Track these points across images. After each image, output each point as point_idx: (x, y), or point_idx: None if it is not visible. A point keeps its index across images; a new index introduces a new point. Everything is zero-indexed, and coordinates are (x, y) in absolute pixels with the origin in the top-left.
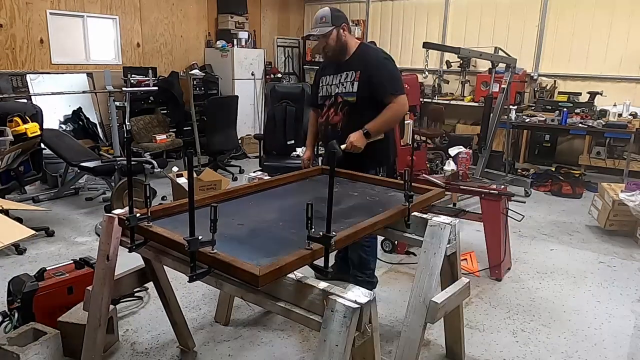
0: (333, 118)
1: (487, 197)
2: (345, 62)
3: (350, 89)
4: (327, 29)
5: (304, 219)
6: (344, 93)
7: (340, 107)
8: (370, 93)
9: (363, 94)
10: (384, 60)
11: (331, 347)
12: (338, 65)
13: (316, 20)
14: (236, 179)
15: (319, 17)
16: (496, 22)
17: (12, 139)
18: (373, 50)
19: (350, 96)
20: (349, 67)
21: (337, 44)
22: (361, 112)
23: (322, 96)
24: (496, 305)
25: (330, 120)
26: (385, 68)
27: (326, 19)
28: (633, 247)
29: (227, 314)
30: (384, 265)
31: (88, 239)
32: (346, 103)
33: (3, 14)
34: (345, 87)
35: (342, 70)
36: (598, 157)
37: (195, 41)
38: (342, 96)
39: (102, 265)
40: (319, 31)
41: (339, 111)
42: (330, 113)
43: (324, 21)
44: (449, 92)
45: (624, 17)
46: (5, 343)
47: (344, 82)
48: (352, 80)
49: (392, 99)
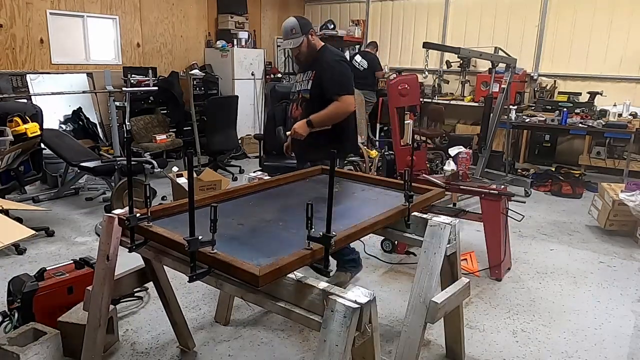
0: (295, 112)
1: (487, 197)
2: (310, 62)
3: (307, 86)
4: (300, 39)
5: (304, 219)
6: (303, 90)
7: (300, 102)
8: (321, 91)
9: (315, 92)
10: (335, 62)
11: (331, 347)
12: (305, 65)
13: (287, 32)
14: (236, 179)
15: (289, 29)
16: (496, 22)
17: (12, 139)
18: (329, 52)
19: (305, 93)
20: (310, 67)
21: (308, 49)
22: (313, 108)
23: (291, 92)
24: (496, 305)
25: (293, 114)
26: (335, 70)
27: (296, 29)
28: (633, 247)
29: (227, 314)
30: (384, 265)
31: (88, 239)
32: (304, 99)
33: (3, 14)
34: (303, 85)
35: (306, 69)
36: (598, 157)
37: (195, 41)
38: (302, 93)
39: (102, 265)
40: (293, 43)
41: (299, 106)
42: (293, 107)
43: (295, 32)
44: (449, 92)
45: (624, 17)
46: (5, 343)
47: (304, 81)
48: (308, 79)
49: (337, 98)
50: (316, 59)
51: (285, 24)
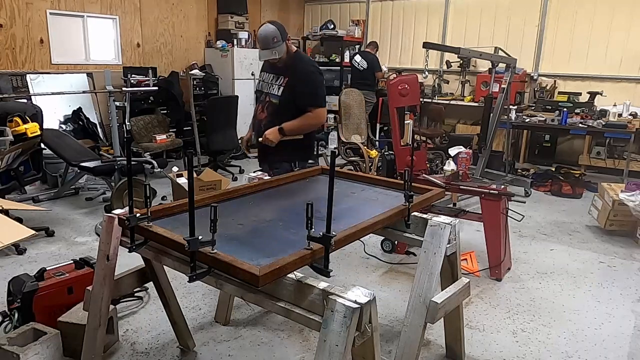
0: (260, 114)
1: (487, 197)
2: (282, 66)
3: (277, 92)
4: (283, 47)
5: (304, 219)
6: (272, 94)
7: (267, 106)
8: (293, 99)
9: (286, 99)
10: (312, 73)
11: (331, 347)
12: (274, 66)
13: (267, 41)
14: (236, 179)
15: (270, 38)
16: (496, 22)
17: (12, 139)
18: (304, 60)
19: (275, 98)
20: (281, 72)
21: (287, 55)
22: (281, 115)
23: (257, 90)
24: (496, 305)
25: (258, 115)
26: (310, 81)
27: (277, 38)
28: (633, 247)
29: (227, 314)
30: (384, 265)
31: (88, 239)
32: (272, 104)
33: (3, 14)
34: (273, 89)
35: (276, 73)
36: (598, 157)
37: (195, 41)
38: (270, 97)
39: (102, 265)
40: (277, 53)
41: (265, 109)
42: (259, 108)
43: (276, 40)
44: (449, 92)
45: (624, 18)
46: (5, 343)
47: (273, 85)
48: (279, 84)
49: (310, 109)
50: (289, 65)
51: (265, 33)
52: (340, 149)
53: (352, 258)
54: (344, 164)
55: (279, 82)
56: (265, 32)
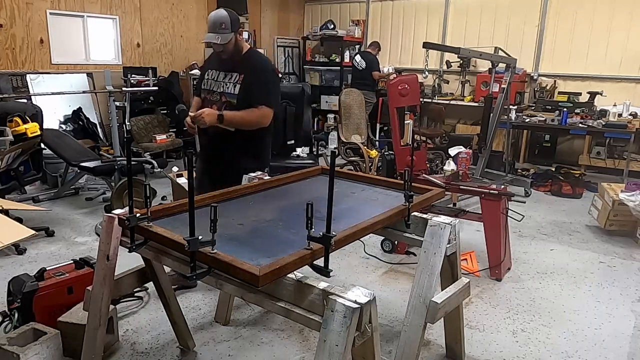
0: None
1: (487, 197)
2: (234, 63)
3: (233, 90)
4: (229, 36)
5: (304, 219)
6: (227, 93)
7: (223, 106)
8: (248, 97)
9: (243, 97)
10: (269, 72)
11: (331, 347)
12: (224, 63)
13: (215, 25)
14: None
15: (218, 22)
16: (496, 22)
17: (12, 139)
18: (261, 58)
19: (231, 97)
20: (235, 69)
21: (234, 49)
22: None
23: (205, 89)
24: (496, 305)
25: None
26: (266, 79)
27: (226, 25)
28: (633, 247)
29: (227, 314)
30: (384, 265)
31: (88, 239)
32: (228, 103)
33: (3, 14)
34: (228, 87)
35: (229, 70)
36: (598, 157)
37: (195, 41)
38: (225, 96)
39: (102, 265)
40: (221, 39)
41: (222, 109)
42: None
43: (224, 27)
44: (449, 92)
45: (624, 18)
46: (5, 343)
47: (228, 83)
48: (235, 82)
49: (258, 106)
50: (243, 62)
51: (215, 16)
52: (340, 149)
53: (352, 258)
54: (344, 164)
55: (233, 79)
56: (216, 16)
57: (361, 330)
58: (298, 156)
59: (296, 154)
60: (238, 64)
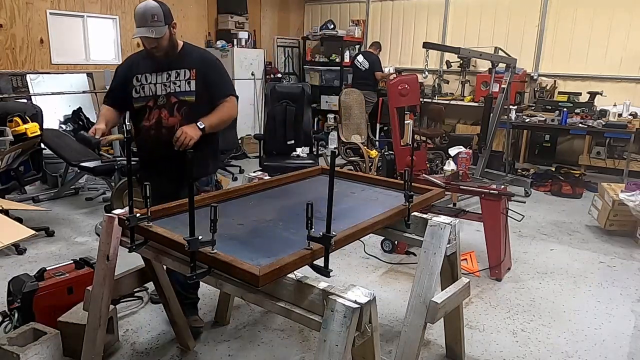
0: (169, 120)
1: (487, 197)
2: (174, 60)
3: (187, 87)
4: (163, 29)
5: (304, 219)
6: (179, 92)
7: (176, 107)
8: (207, 92)
9: (200, 94)
10: (218, 61)
11: (331, 347)
12: (159, 63)
13: (145, 18)
14: (236, 179)
15: (149, 15)
16: (496, 22)
17: (12, 139)
18: (203, 50)
19: (188, 95)
20: (180, 65)
21: (169, 43)
22: (201, 112)
23: (142, 96)
24: (496, 305)
25: (166, 123)
26: (221, 69)
27: (158, 17)
28: (633, 247)
29: (227, 314)
30: (384, 265)
31: (88, 239)
32: (184, 103)
33: (3, 14)
34: (179, 86)
35: (171, 68)
36: (598, 157)
37: (195, 41)
38: (178, 96)
39: (102, 265)
40: (155, 33)
41: (176, 112)
42: (163, 115)
43: (157, 20)
44: (449, 92)
45: (624, 17)
46: (5, 343)
47: (177, 81)
48: (187, 79)
49: (227, 99)
50: (187, 57)
51: (144, 8)
52: (340, 149)
53: (352, 258)
54: (344, 164)
55: (184, 77)
56: (145, 7)
57: (361, 330)
58: (298, 156)
59: (296, 154)
60: (181, 60)
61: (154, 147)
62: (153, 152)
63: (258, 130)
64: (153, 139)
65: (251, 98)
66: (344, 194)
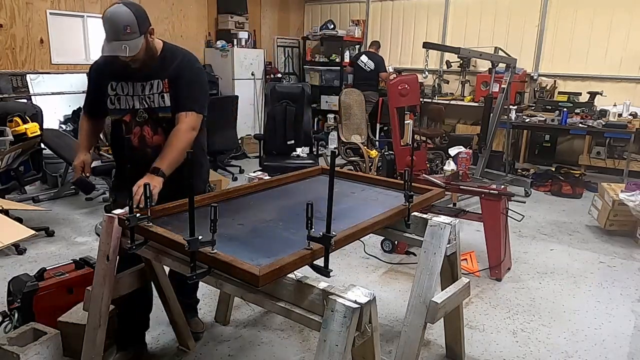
0: (153, 138)
1: (487, 197)
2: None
3: (161, 102)
4: (139, 42)
5: (304, 219)
6: (158, 108)
7: (158, 124)
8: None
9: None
10: (200, 71)
11: (331, 347)
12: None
13: (116, 30)
14: (236, 179)
15: (121, 27)
16: (496, 22)
17: (12, 139)
18: (183, 52)
19: (164, 111)
20: (155, 75)
21: (147, 54)
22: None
23: (118, 109)
24: (496, 305)
25: (150, 142)
26: (192, 77)
27: (132, 27)
28: (633, 247)
29: (227, 314)
30: (383, 265)
31: (88, 239)
32: (163, 119)
33: (3, 14)
34: (154, 100)
35: (147, 79)
36: (598, 157)
37: (195, 41)
38: (156, 112)
39: (102, 265)
40: (129, 50)
41: (160, 129)
42: (145, 133)
43: (130, 32)
44: (449, 92)
45: (624, 17)
46: (5, 343)
47: (151, 95)
48: (160, 92)
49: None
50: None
51: (114, 17)
52: (340, 149)
53: (352, 258)
54: (344, 164)
55: (157, 89)
56: (115, 15)
57: (361, 330)
58: (298, 156)
59: (296, 154)
60: (157, 68)
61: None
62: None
63: (258, 130)
64: (138, 159)
65: (251, 98)
66: (344, 194)
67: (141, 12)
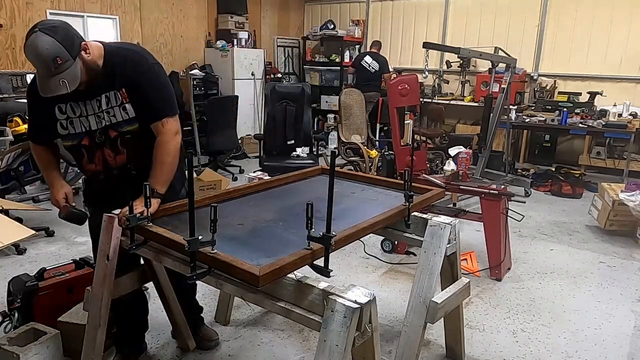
0: (116, 159)
1: (487, 197)
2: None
3: (124, 115)
4: (76, 69)
5: (304, 219)
6: (116, 124)
7: (119, 142)
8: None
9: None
10: (152, 67)
11: (331, 347)
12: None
13: (47, 66)
14: (236, 179)
15: (51, 60)
16: (496, 22)
17: (12, 139)
18: (125, 52)
19: (128, 125)
20: (108, 87)
21: (88, 72)
22: (147, 138)
23: (71, 134)
24: (496, 305)
25: (115, 163)
26: (152, 78)
27: (62, 56)
28: (633, 247)
29: (227, 314)
30: (383, 265)
31: (88, 239)
32: (126, 134)
33: (3, 14)
34: (115, 115)
35: (99, 92)
36: (598, 157)
37: (195, 41)
38: (116, 128)
39: (102, 265)
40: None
41: (121, 148)
42: (107, 155)
43: (62, 62)
44: (449, 92)
45: (624, 17)
46: (5, 343)
47: (110, 110)
48: (120, 104)
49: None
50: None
51: (40, 53)
52: (340, 149)
53: (352, 258)
54: (344, 164)
55: (116, 101)
56: (39, 49)
57: (361, 330)
58: (298, 156)
59: (296, 154)
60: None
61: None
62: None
63: (258, 130)
64: (104, 184)
65: (251, 98)
66: (344, 194)
67: (65, 33)
